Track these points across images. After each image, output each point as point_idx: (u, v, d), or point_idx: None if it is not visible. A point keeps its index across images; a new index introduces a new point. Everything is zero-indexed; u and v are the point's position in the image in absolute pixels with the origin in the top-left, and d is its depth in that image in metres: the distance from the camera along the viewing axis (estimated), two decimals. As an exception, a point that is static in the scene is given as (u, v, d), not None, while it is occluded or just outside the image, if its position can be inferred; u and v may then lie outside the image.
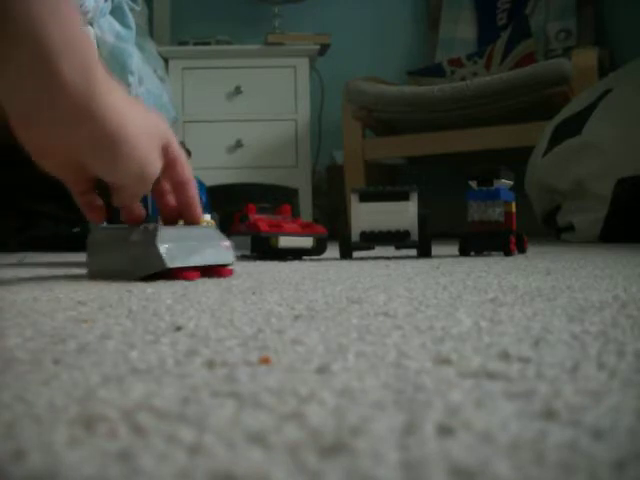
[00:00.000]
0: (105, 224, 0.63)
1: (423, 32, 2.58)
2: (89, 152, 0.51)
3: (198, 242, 0.61)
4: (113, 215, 0.94)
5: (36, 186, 2.10)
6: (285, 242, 0.96)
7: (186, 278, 0.59)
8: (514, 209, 1.05)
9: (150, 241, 0.58)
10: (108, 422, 0.17)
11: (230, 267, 0.64)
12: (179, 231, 0.60)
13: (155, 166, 0.55)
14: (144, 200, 0.93)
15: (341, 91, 2.22)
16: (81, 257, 1.19)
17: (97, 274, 0.65)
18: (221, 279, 0.61)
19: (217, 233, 0.64)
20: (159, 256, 0.57)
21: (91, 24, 1.41)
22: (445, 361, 0.23)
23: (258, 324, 0.33)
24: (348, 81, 2.09)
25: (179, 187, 0.60)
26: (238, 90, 2.14)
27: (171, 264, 0.57)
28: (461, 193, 1.05)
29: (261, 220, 1.00)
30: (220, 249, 0.63)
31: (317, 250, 1.01)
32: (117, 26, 1.51)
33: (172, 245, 0.58)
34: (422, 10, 2.59)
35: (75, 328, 0.32)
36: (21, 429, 0.16)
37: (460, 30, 2.44)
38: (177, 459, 0.14)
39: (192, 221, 0.61)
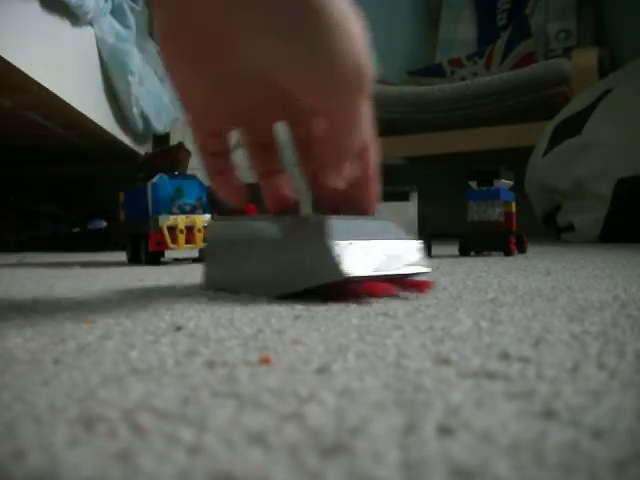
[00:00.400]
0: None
1: (423, 32, 2.58)
2: (285, 30, 0.33)
3: (378, 240, 0.42)
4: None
5: (36, 186, 2.10)
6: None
7: (374, 293, 0.40)
8: (514, 209, 1.05)
9: (317, 237, 0.40)
10: (108, 422, 0.17)
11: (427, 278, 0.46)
12: (353, 224, 0.42)
13: (370, 78, 0.36)
14: (140, 192, 0.94)
15: (341, 91, 2.21)
16: (81, 257, 1.19)
17: (220, 284, 0.48)
18: None
19: (399, 228, 0.46)
20: (334, 260, 0.39)
21: (91, 24, 1.41)
22: (445, 361, 0.23)
23: (258, 324, 0.33)
24: (348, 81, 2.08)
25: (361, 154, 0.40)
26: (238, 90, 2.14)
27: (352, 272, 0.39)
28: (461, 193, 1.05)
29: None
30: (408, 250, 0.44)
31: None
32: (117, 26, 1.51)
33: (349, 244, 0.40)
34: (422, 10, 2.59)
35: (75, 328, 0.32)
36: (21, 429, 0.16)
37: (460, 30, 2.44)
38: (177, 459, 0.14)
39: (367, 206, 0.43)
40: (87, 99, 1.39)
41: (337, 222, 0.41)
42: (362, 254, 0.40)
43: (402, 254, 0.43)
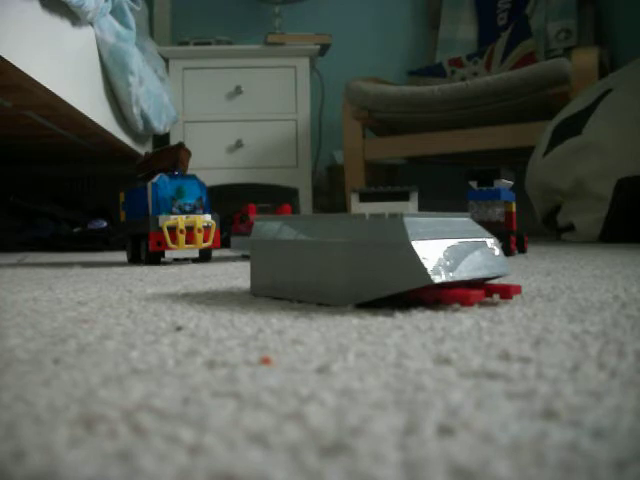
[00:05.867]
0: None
1: (423, 32, 2.58)
2: None
3: (459, 240, 0.39)
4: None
5: (36, 186, 2.10)
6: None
7: (464, 301, 0.36)
8: (514, 209, 1.05)
9: (398, 238, 0.36)
10: (108, 422, 0.17)
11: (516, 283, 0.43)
12: (431, 221, 0.39)
13: None
14: (140, 192, 0.94)
15: (341, 91, 2.22)
16: (81, 257, 1.20)
17: (272, 291, 0.43)
18: None
19: (475, 225, 0.42)
20: (418, 263, 0.35)
21: (91, 24, 1.41)
22: (445, 361, 0.23)
23: (258, 324, 0.33)
24: (348, 81, 2.09)
25: None
26: (238, 90, 2.14)
27: (439, 277, 0.35)
28: (461, 193, 1.05)
29: (261, 220, 0.99)
30: (489, 251, 0.40)
31: (317, 250, 1.01)
32: (117, 26, 1.51)
33: (432, 245, 0.37)
34: (422, 10, 2.59)
35: (75, 328, 0.32)
36: (21, 429, 0.16)
37: (460, 30, 2.44)
38: (177, 459, 0.14)
39: None
40: (87, 99, 1.39)
41: (414, 220, 0.37)
42: (446, 255, 0.37)
43: (482, 254, 0.39)
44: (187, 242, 0.88)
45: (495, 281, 0.51)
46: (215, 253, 1.25)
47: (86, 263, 0.96)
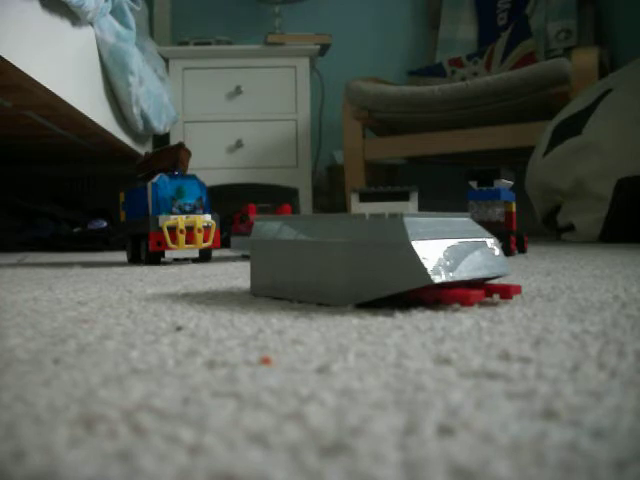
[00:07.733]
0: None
1: (423, 32, 2.58)
2: None
3: (459, 239, 0.39)
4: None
5: (36, 186, 2.10)
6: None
7: (464, 301, 0.36)
8: (514, 209, 1.05)
9: (398, 238, 0.36)
10: (108, 422, 0.17)
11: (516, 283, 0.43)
12: (431, 221, 0.38)
13: None
14: (140, 192, 0.94)
15: (341, 91, 2.22)
16: (81, 257, 1.19)
17: (271, 291, 0.43)
18: None
19: (475, 225, 0.42)
20: (418, 263, 0.35)
21: (91, 24, 1.41)
22: (445, 361, 0.23)
23: (258, 324, 0.33)
24: (348, 81, 2.09)
25: None
26: (238, 90, 2.14)
27: (439, 277, 0.35)
28: (461, 193, 1.05)
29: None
30: (489, 251, 0.40)
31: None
32: (117, 26, 1.51)
33: (432, 245, 0.37)
34: (422, 10, 2.59)
35: (75, 328, 0.32)
36: (21, 429, 0.16)
37: (460, 30, 2.44)
38: (177, 459, 0.14)
39: None
40: (87, 99, 1.39)
41: (414, 220, 0.37)
42: (446, 255, 0.37)
43: (482, 254, 0.39)
44: (187, 242, 0.88)
45: (495, 281, 0.51)
46: (215, 253, 1.25)
47: (86, 263, 0.96)
